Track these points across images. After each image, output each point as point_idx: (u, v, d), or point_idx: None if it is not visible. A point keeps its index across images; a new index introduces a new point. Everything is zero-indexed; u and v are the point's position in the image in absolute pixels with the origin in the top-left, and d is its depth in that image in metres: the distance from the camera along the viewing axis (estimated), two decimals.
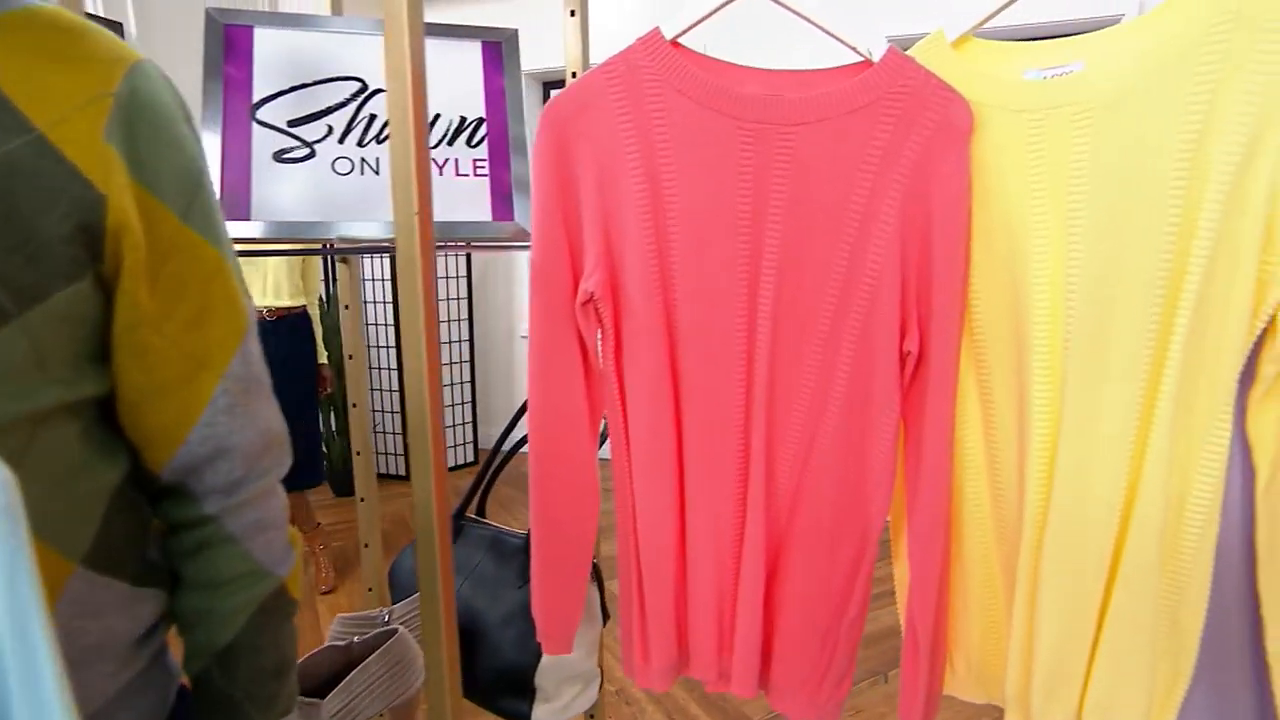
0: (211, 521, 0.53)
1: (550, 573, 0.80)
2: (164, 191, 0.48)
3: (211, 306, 0.52)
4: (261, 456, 0.55)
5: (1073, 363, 0.62)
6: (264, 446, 0.55)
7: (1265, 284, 0.56)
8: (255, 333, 0.55)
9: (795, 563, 0.76)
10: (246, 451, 0.54)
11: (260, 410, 0.55)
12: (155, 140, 0.48)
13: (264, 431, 0.55)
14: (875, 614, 2.11)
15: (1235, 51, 0.55)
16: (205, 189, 0.52)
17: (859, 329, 0.70)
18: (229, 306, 0.53)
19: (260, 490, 0.55)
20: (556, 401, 0.77)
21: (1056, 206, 0.63)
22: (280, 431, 0.57)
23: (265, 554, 0.56)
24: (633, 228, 0.72)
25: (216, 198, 0.54)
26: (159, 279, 0.49)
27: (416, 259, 0.61)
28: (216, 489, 0.53)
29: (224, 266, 0.53)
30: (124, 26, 2.94)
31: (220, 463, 0.53)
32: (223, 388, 0.52)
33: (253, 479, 0.55)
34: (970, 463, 0.73)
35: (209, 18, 0.87)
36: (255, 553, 0.55)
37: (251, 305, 0.56)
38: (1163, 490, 0.61)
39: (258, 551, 0.55)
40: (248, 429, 0.54)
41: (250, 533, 0.55)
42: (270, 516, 0.56)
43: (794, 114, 0.68)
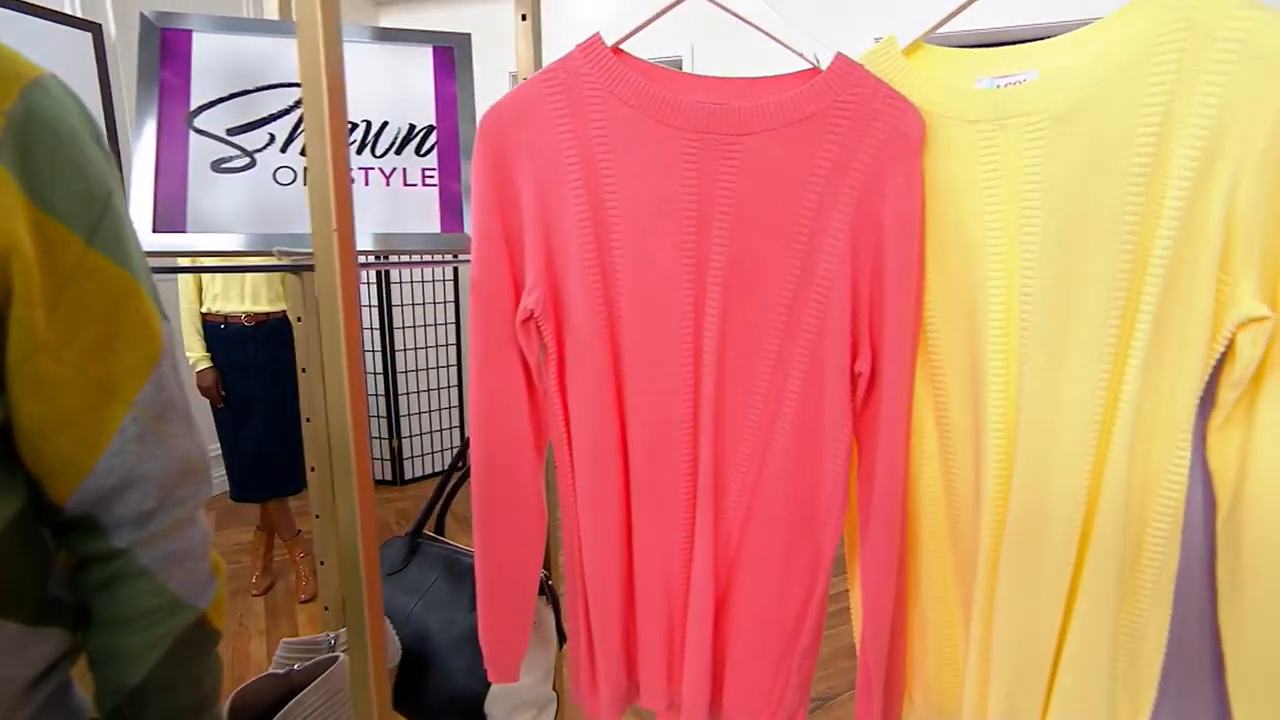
0: (122, 555, 0.51)
1: (495, 600, 0.77)
2: (65, 214, 0.46)
3: (120, 331, 0.49)
4: (177, 486, 0.52)
5: (1026, 386, 0.60)
6: (180, 475, 0.53)
7: (1224, 304, 0.54)
8: (173, 356, 0.53)
9: (746, 590, 0.73)
10: (160, 481, 0.51)
11: (176, 437, 0.52)
12: (55, 160, 0.45)
13: (180, 459, 0.53)
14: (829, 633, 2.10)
15: (1189, 61, 0.52)
16: (114, 209, 0.49)
17: (809, 348, 0.67)
18: (140, 330, 0.50)
19: (175, 520, 0.53)
20: (498, 423, 0.74)
21: (1010, 220, 0.60)
22: (199, 458, 0.54)
23: (183, 586, 0.53)
24: (574, 242, 0.69)
25: (128, 217, 0.52)
26: (59, 304, 0.46)
27: (335, 279, 0.58)
28: (127, 521, 0.50)
29: (136, 289, 0.50)
30: (103, 28, 2.91)
31: (130, 493, 0.50)
32: (132, 415, 0.50)
33: (167, 509, 0.52)
34: (927, 488, 0.70)
35: (144, 21, 0.84)
36: (171, 585, 0.53)
37: (169, 327, 0.53)
38: (1121, 520, 0.58)
39: (174, 584, 0.53)
40: (161, 458, 0.51)
41: (165, 565, 0.52)
42: (188, 547, 0.54)
43: (739, 124, 0.65)
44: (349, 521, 0.60)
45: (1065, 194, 0.57)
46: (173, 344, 0.53)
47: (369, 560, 0.61)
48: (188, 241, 0.79)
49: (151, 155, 0.80)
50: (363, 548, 0.60)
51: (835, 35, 3.18)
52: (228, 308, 2.34)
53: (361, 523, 0.60)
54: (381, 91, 0.90)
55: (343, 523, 0.61)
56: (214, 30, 0.87)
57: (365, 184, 0.87)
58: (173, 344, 0.53)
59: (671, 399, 0.70)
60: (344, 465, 0.60)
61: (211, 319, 2.35)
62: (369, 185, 0.87)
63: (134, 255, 0.51)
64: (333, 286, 0.57)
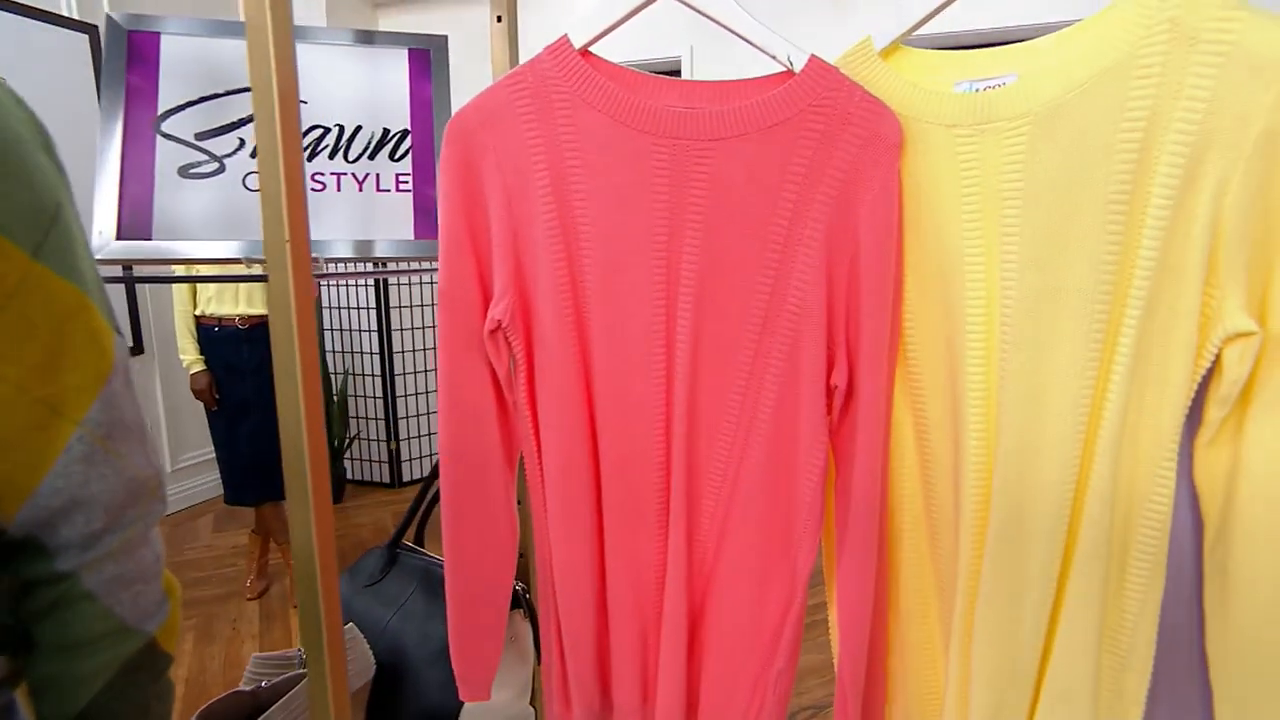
0: (66, 578, 0.49)
1: (465, 615, 0.75)
2: (8, 226, 0.44)
3: (67, 348, 0.47)
4: (127, 506, 0.51)
5: (1006, 400, 0.57)
6: (130, 496, 0.51)
7: (1209, 319, 0.51)
8: (124, 372, 0.51)
9: (721, 607, 0.71)
10: (108, 502, 0.49)
11: (126, 457, 0.51)
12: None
13: (130, 480, 0.51)
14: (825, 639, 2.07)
15: (1173, 64, 0.50)
16: (63, 222, 0.47)
17: (783, 360, 0.65)
18: (90, 347, 0.48)
19: (124, 542, 0.51)
20: (467, 436, 0.72)
21: (990, 228, 0.58)
22: (152, 478, 0.52)
23: (131, 610, 0.51)
24: (542, 251, 0.67)
25: (80, 230, 0.50)
26: (1, 320, 0.44)
27: (289, 292, 0.56)
28: (72, 543, 0.49)
29: (85, 304, 0.48)
30: (100, 30, 2.90)
31: (76, 515, 0.48)
32: (79, 435, 0.48)
33: (116, 531, 0.50)
34: (907, 505, 0.68)
35: (110, 23, 0.82)
36: (119, 609, 0.51)
37: (122, 343, 0.51)
38: (1104, 542, 0.56)
39: (122, 608, 0.51)
40: (110, 478, 0.49)
41: (112, 588, 0.50)
42: (138, 569, 0.52)
43: (710, 129, 0.63)
44: (304, 540, 0.58)
45: (1046, 201, 0.55)
46: (125, 360, 0.51)
47: (328, 586, 0.59)
48: (153, 249, 0.77)
49: (117, 161, 0.79)
50: (320, 568, 0.58)
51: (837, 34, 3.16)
52: (221, 310, 2.33)
53: (319, 543, 0.58)
54: (355, 95, 0.88)
55: (297, 541, 0.59)
56: (183, 33, 0.85)
57: (337, 189, 0.85)
58: (125, 360, 0.51)
59: (643, 411, 0.68)
60: (299, 483, 0.58)
61: (206, 322, 2.34)
62: (341, 191, 0.85)
63: (85, 269, 0.49)
64: (286, 300, 0.55)
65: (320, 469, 0.58)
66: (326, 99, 0.88)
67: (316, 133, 0.86)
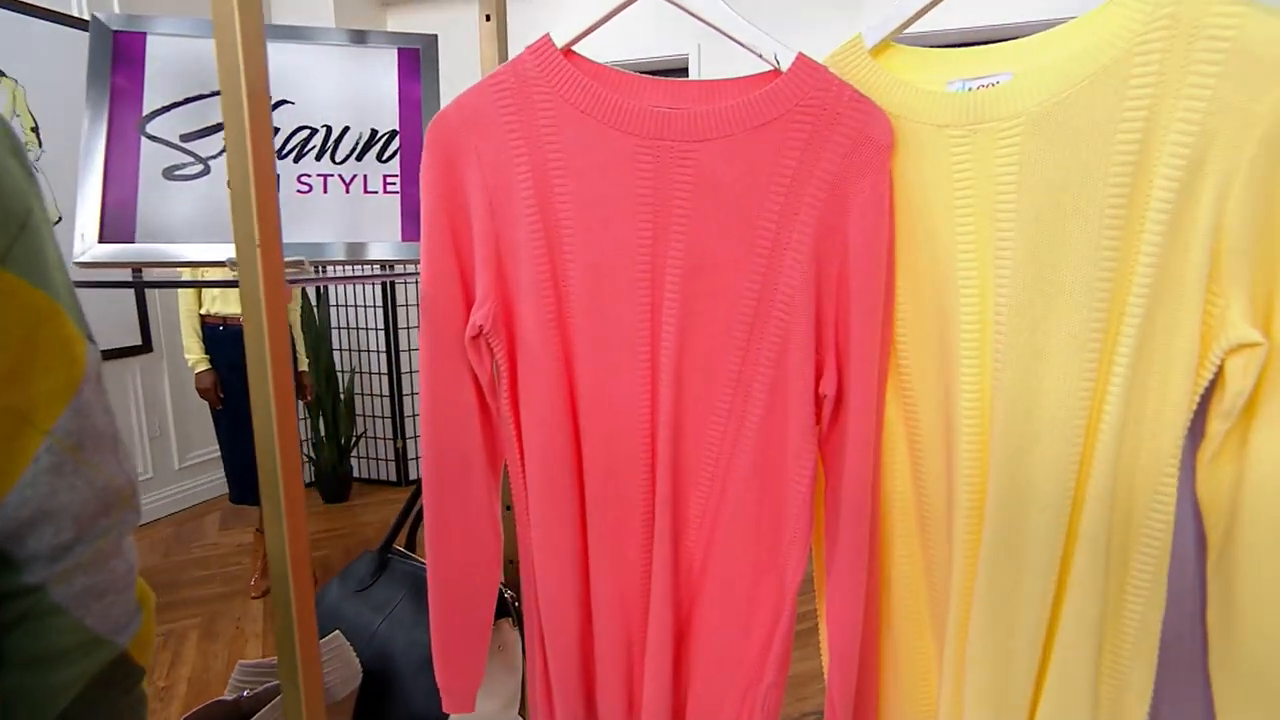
0: (34, 591, 0.48)
1: (448, 625, 0.74)
2: None
3: (37, 356, 0.46)
4: (98, 516, 0.49)
5: (1000, 411, 0.55)
6: (101, 506, 0.50)
7: (1211, 328, 0.49)
8: (96, 380, 0.50)
9: (708, 621, 0.69)
10: (78, 513, 0.48)
11: (98, 466, 0.49)
12: None
13: (101, 490, 0.49)
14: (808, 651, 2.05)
15: (1173, 61, 0.47)
16: (32, 228, 0.46)
17: (770, 368, 0.63)
18: (60, 354, 0.47)
19: (95, 553, 0.50)
20: (450, 443, 0.70)
21: (984, 232, 0.56)
22: (125, 487, 0.51)
23: (102, 622, 0.50)
24: (525, 255, 0.65)
25: (51, 236, 0.49)
26: None
27: (260, 298, 0.55)
28: (40, 555, 0.47)
29: (55, 311, 0.47)
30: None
31: (44, 526, 0.47)
32: (48, 445, 0.47)
33: (87, 542, 0.49)
34: (900, 516, 0.66)
35: (95, 23, 0.81)
36: (89, 621, 0.50)
37: (94, 350, 0.50)
38: (1102, 559, 0.53)
39: (92, 620, 0.50)
40: (80, 488, 0.48)
41: (82, 600, 0.49)
42: (109, 580, 0.51)
43: (694, 130, 0.61)
44: (278, 553, 0.57)
45: (1041, 204, 0.53)
46: (97, 368, 0.50)
47: (301, 595, 0.58)
48: (136, 252, 0.77)
49: (100, 162, 0.78)
50: (294, 582, 0.57)
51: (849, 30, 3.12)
52: (226, 310, 2.33)
53: (292, 557, 0.57)
54: (343, 95, 0.87)
55: (271, 551, 0.57)
56: (170, 33, 0.84)
57: (324, 191, 0.84)
58: (97, 368, 0.50)
59: (627, 419, 0.66)
60: (271, 494, 0.57)
61: (211, 321, 2.34)
62: (328, 192, 0.84)
63: (55, 275, 0.48)
64: (257, 304, 0.54)
65: (293, 473, 0.57)
66: (314, 99, 0.86)
67: (304, 133, 0.85)
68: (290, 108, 0.85)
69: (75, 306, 0.49)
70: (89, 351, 0.49)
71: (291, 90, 0.85)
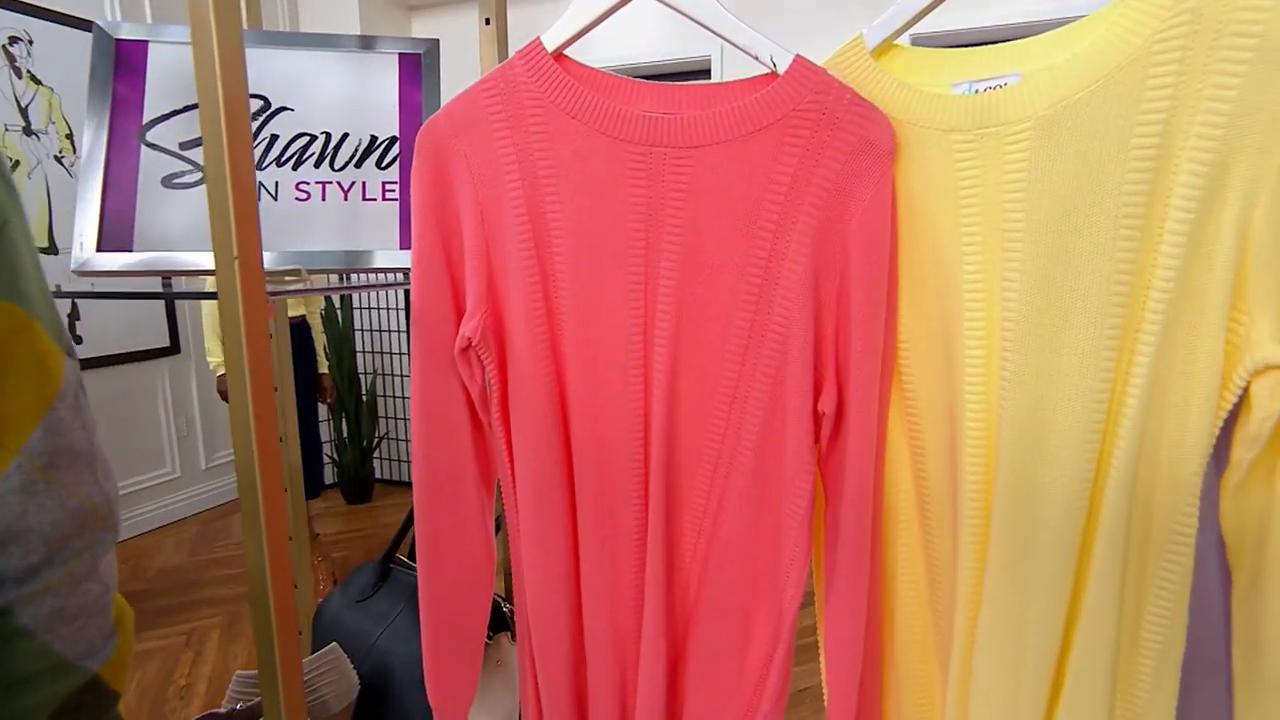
0: (1, 614, 0.47)
1: (439, 645, 0.72)
2: None
3: (8, 372, 0.45)
4: (71, 537, 0.48)
5: (1006, 434, 0.52)
6: (75, 526, 0.48)
7: (1236, 348, 0.45)
8: (74, 396, 0.48)
9: (702, 648, 0.66)
10: (48, 534, 0.47)
11: (72, 485, 0.48)
12: None
13: (75, 510, 0.48)
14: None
15: (1195, 60, 0.44)
16: (8, 240, 0.45)
17: (767, 384, 0.61)
18: (33, 370, 0.46)
19: (66, 575, 0.48)
20: (441, 459, 0.69)
21: (991, 244, 0.53)
22: (101, 506, 0.50)
23: (72, 646, 0.49)
24: (515, 265, 0.63)
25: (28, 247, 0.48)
26: None
27: (239, 313, 0.54)
28: (7, 577, 0.46)
29: (29, 325, 0.46)
30: None
31: (12, 548, 0.46)
32: (18, 464, 0.45)
33: (57, 563, 0.48)
34: (903, 539, 0.62)
35: (98, 31, 0.81)
36: (57, 645, 0.48)
37: (73, 365, 0.49)
38: (1115, 593, 0.50)
39: (61, 644, 0.48)
40: (51, 509, 0.47)
41: (51, 623, 0.48)
42: (81, 603, 0.49)
43: (688, 135, 0.59)
44: (258, 570, 0.56)
45: (1050, 215, 0.49)
46: (76, 383, 0.49)
47: (284, 627, 0.56)
48: (134, 261, 0.76)
49: (100, 170, 0.78)
50: (274, 600, 0.56)
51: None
52: None
53: (273, 574, 0.56)
54: (343, 101, 0.86)
55: (251, 568, 0.56)
56: (172, 41, 0.84)
57: (322, 199, 0.83)
58: (76, 383, 0.49)
59: (619, 436, 0.64)
60: (251, 509, 0.55)
61: None
62: (326, 200, 0.83)
63: (30, 288, 0.47)
64: (235, 322, 0.53)
65: (273, 489, 0.55)
66: (314, 106, 0.86)
67: (303, 140, 0.84)
68: (290, 114, 0.84)
69: (53, 320, 0.48)
70: (66, 366, 0.48)
71: (292, 97, 0.85)
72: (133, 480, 3.05)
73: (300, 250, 0.81)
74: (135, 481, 3.04)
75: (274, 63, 0.86)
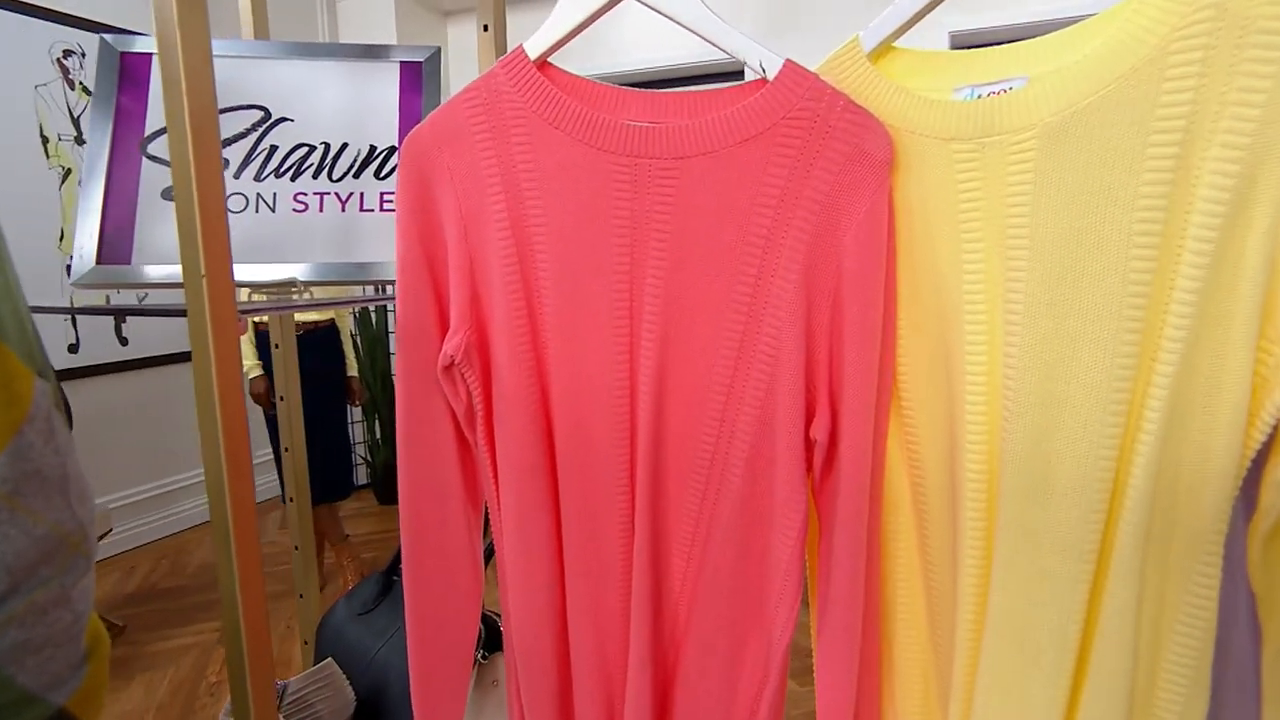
0: None
1: (425, 668, 0.70)
2: None
3: None
4: (38, 565, 0.47)
5: (1009, 472, 0.48)
6: (42, 555, 0.47)
7: (1266, 380, 0.40)
8: (45, 419, 0.47)
9: (689, 684, 0.63)
10: (12, 564, 0.46)
11: (39, 513, 0.47)
12: None
13: (42, 539, 0.47)
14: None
15: (1218, 60, 0.39)
16: None
17: (757, 408, 0.57)
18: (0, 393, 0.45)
19: (31, 605, 0.47)
20: (426, 481, 0.67)
21: (993, 262, 0.49)
22: (73, 533, 0.49)
23: (36, 678, 0.48)
24: (499, 283, 0.61)
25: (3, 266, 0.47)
26: None
27: (206, 331, 0.52)
28: None
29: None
30: None
31: None
32: None
33: (22, 593, 0.47)
34: (902, 574, 0.58)
35: (103, 44, 0.82)
36: (21, 678, 0.47)
37: (43, 386, 0.48)
38: (1127, 648, 0.45)
39: (25, 676, 0.47)
40: (15, 538, 0.46)
41: (15, 655, 0.47)
42: (49, 633, 0.48)
43: (675, 146, 0.56)
44: (229, 594, 0.54)
45: (1057, 231, 0.45)
46: (47, 406, 0.48)
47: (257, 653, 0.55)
48: (132, 273, 0.76)
49: (101, 183, 0.78)
50: (245, 627, 0.54)
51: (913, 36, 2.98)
52: None
53: (244, 599, 0.54)
54: (343, 111, 0.85)
55: (223, 591, 0.55)
56: None
57: (320, 210, 0.82)
58: (47, 406, 0.48)
59: (604, 459, 0.61)
60: (220, 527, 0.54)
61: (263, 327, 2.41)
62: (324, 212, 0.82)
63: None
64: (204, 341, 0.52)
65: (245, 508, 0.54)
66: (314, 116, 0.85)
67: (302, 150, 0.84)
68: (290, 125, 0.84)
69: (23, 339, 0.47)
70: (36, 388, 0.47)
71: (292, 107, 0.84)
72: (175, 478, 3.14)
73: (295, 264, 0.81)
74: (177, 479, 3.12)
75: (276, 73, 0.86)
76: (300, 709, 0.83)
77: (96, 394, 2.79)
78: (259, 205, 0.81)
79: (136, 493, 2.93)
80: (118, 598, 2.57)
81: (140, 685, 2.07)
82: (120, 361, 2.86)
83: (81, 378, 2.73)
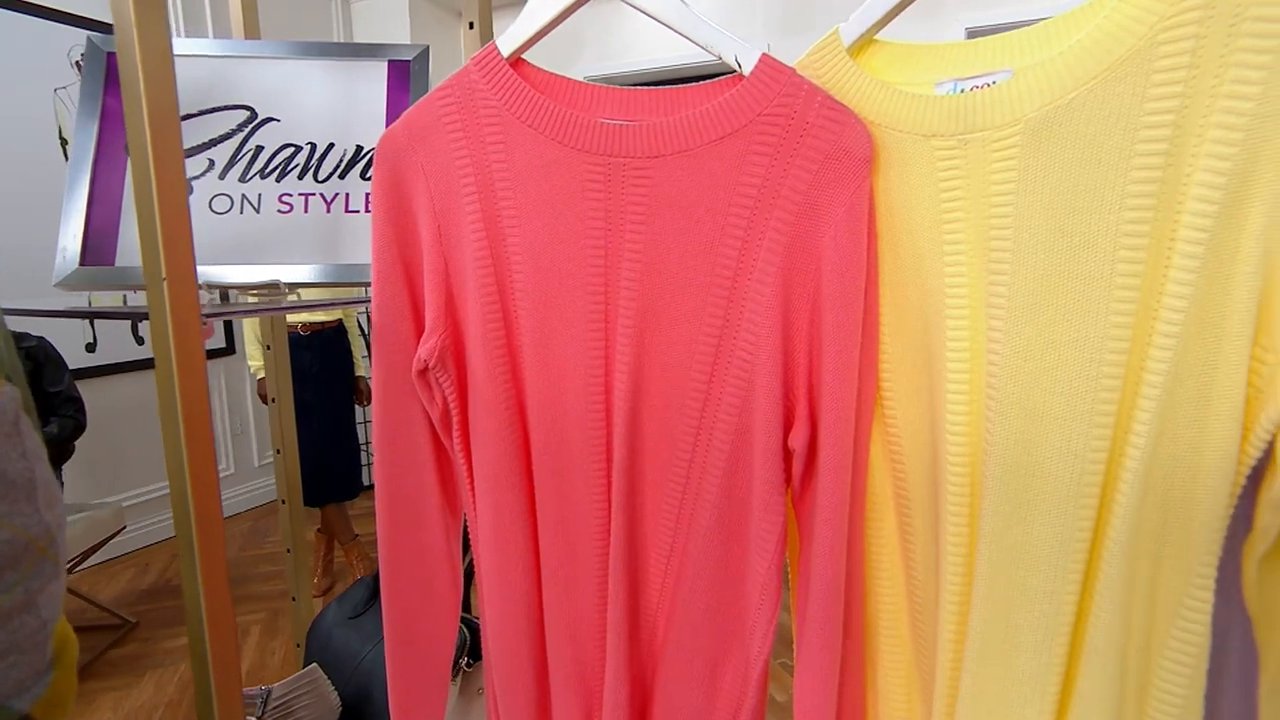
0: None
1: (404, 677, 0.69)
2: None
3: None
4: (2, 570, 0.47)
5: (991, 484, 0.45)
6: (5, 560, 0.47)
7: (1260, 392, 0.38)
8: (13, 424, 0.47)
9: (668, 697, 0.61)
10: None
11: (3, 518, 0.47)
12: None
13: (6, 542, 0.46)
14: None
15: (1209, 51, 0.37)
16: None
17: (734, 415, 0.55)
18: None
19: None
20: (403, 487, 0.66)
21: (975, 265, 0.46)
22: (40, 538, 0.48)
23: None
24: (473, 285, 0.59)
25: None
26: None
27: (168, 335, 0.51)
28: None
29: None
30: None
31: None
32: None
33: None
34: (886, 589, 0.56)
35: (90, 45, 0.81)
36: None
37: (11, 391, 0.47)
38: (1113, 670, 0.43)
39: None
40: None
41: None
42: (11, 640, 0.47)
43: (649, 144, 0.54)
44: (194, 609, 0.53)
45: (1041, 232, 0.43)
46: (13, 410, 0.47)
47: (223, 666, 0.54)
48: (115, 274, 0.76)
49: (86, 184, 0.78)
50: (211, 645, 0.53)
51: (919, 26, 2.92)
52: (293, 317, 2.40)
53: (209, 614, 0.53)
54: (329, 111, 0.84)
55: (188, 607, 0.54)
56: None
57: (305, 211, 0.81)
58: (13, 410, 0.47)
59: (580, 466, 0.59)
60: (186, 545, 0.53)
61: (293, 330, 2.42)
62: (309, 212, 0.81)
63: None
64: (165, 346, 0.51)
65: (210, 520, 0.53)
66: (300, 116, 0.84)
67: (288, 151, 0.83)
68: (276, 125, 0.83)
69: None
70: (4, 393, 0.46)
71: (279, 107, 0.84)
72: None
73: (280, 265, 0.80)
74: None
75: (262, 73, 0.85)
76: (283, 715, 0.82)
77: (113, 392, 2.82)
78: (244, 206, 0.80)
79: (151, 490, 2.97)
80: (131, 594, 2.60)
81: (151, 682, 2.08)
82: (137, 360, 2.89)
83: (99, 376, 2.76)
